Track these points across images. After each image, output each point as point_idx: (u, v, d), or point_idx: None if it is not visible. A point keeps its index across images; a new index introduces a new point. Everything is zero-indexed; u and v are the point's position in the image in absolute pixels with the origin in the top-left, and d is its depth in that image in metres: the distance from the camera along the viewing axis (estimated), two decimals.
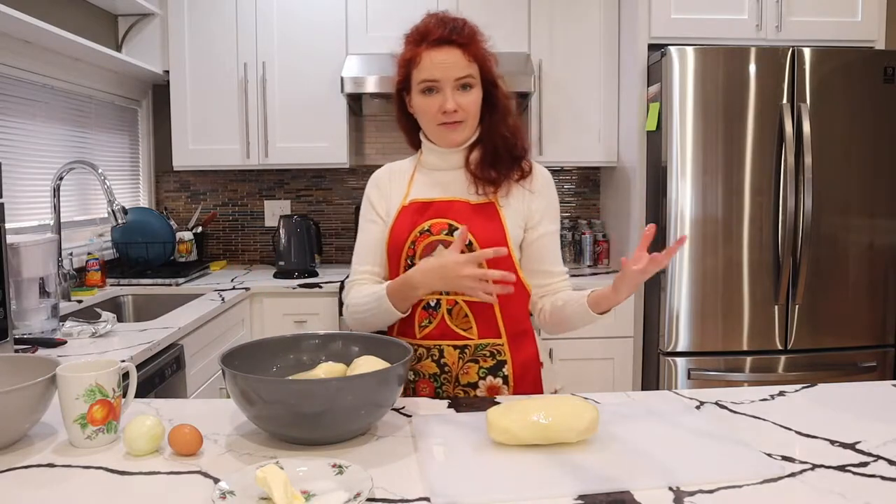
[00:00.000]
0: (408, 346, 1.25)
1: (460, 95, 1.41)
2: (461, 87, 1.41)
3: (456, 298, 1.44)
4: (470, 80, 1.42)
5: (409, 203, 1.49)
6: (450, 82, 1.39)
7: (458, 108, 1.41)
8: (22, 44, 2.46)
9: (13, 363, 1.27)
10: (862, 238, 2.84)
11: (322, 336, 1.36)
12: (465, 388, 1.48)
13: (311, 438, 1.12)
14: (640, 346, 3.04)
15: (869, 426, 1.22)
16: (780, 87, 2.75)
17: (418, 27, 1.43)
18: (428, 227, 1.45)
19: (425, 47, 1.40)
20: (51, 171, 2.63)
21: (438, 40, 1.39)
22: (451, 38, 1.38)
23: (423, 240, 1.45)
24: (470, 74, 1.41)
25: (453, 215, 1.45)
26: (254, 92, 3.19)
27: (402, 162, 1.59)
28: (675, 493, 0.97)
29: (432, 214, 1.46)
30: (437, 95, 1.41)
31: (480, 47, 1.44)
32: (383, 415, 1.19)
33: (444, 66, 1.39)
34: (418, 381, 1.50)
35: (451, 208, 1.46)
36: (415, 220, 1.47)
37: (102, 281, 2.74)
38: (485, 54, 1.45)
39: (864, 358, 2.87)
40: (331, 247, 3.64)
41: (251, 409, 1.11)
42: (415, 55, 1.41)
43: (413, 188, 1.51)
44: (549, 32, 3.19)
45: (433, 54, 1.39)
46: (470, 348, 1.46)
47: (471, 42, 1.41)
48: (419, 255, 1.45)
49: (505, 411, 1.13)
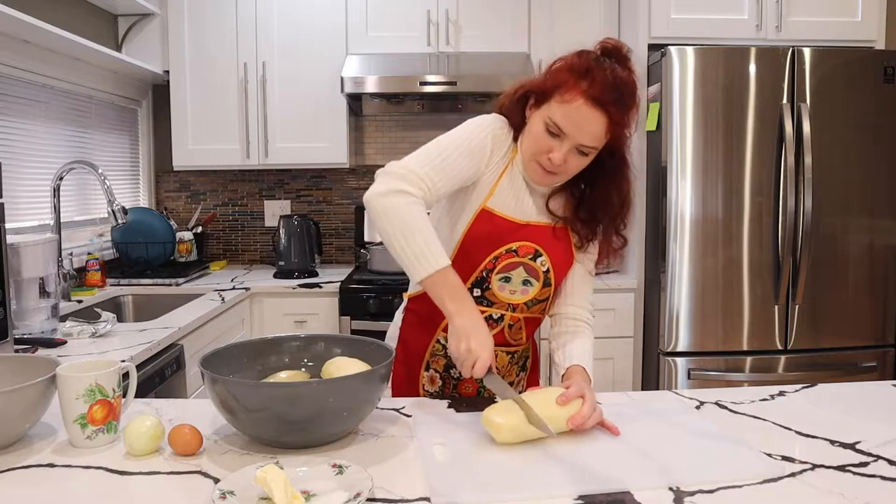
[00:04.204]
0: (390, 348, 1.27)
1: (573, 156, 1.32)
2: (579, 151, 1.32)
3: (519, 316, 1.47)
4: (591, 150, 1.33)
5: (493, 210, 1.41)
6: (574, 142, 1.30)
7: (562, 166, 1.33)
8: (22, 44, 2.46)
9: (13, 363, 1.27)
10: (862, 238, 2.84)
11: (303, 338, 1.36)
12: None
13: (293, 442, 1.12)
14: (640, 346, 3.04)
15: (869, 426, 1.22)
16: (780, 87, 2.75)
17: (588, 64, 1.29)
18: (515, 249, 1.41)
19: (580, 92, 1.26)
20: (51, 171, 2.63)
21: (596, 99, 1.26)
22: (607, 106, 1.27)
23: (507, 258, 1.41)
24: (596, 147, 1.32)
25: (540, 241, 1.43)
26: (254, 92, 3.19)
27: (511, 137, 1.43)
28: (675, 493, 0.97)
29: (522, 236, 1.41)
30: (555, 141, 1.31)
31: (628, 126, 1.33)
32: (362, 419, 1.18)
33: (581, 130, 1.28)
34: (463, 380, 1.52)
35: (539, 233, 1.43)
36: (504, 235, 1.41)
37: (102, 281, 2.74)
38: (626, 134, 1.34)
39: (864, 358, 2.87)
40: (331, 247, 3.64)
41: (227, 414, 1.12)
42: (567, 89, 1.28)
43: (498, 190, 1.41)
44: (549, 32, 3.19)
45: (581, 108, 1.27)
46: (518, 352, 1.54)
47: (621, 118, 1.29)
48: (498, 270, 1.42)
49: (497, 408, 1.16)
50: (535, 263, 1.43)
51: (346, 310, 2.91)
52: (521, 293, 1.44)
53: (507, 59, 3.13)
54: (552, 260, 1.44)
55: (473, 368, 1.21)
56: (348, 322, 2.90)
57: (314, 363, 1.33)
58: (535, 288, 1.44)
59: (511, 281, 1.43)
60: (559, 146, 1.31)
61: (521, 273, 1.42)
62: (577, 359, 1.40)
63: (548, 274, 1.44)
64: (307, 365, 1.34)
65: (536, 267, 1.43)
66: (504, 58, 3.14)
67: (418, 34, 3.15)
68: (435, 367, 1.52)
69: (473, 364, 1.21)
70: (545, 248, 1.43)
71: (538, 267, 1.43)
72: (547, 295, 1.48)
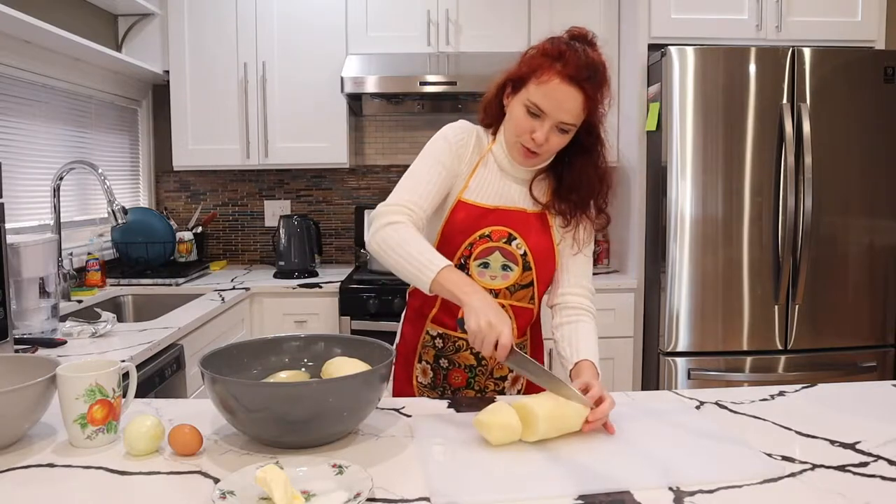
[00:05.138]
0: (390, 348, 1.28)
1: (554, 135, 1.38)
2: (560, 129, 1.38)
3: (504, 303, 1.48)
4: (571, 127, 1.38)
5: (467, 201, 1.47)
6: (554, 120, 1.36)
7: (545, 145, 1.39)
8: (22, 44, 2.46)
9: (13, 363, 1.27)
10: (862, 238, 2.84)
11: (303, 338, 1.37)
12: (497, 380, 1.56)
13: (293, 442, 1.12)
14: (640, 346, 3.04)
15: (869, 426, 1.22)
16: (780, 87, 2.75)
17: (560, 47, 1.37)
18: (488, 234, 1.46)
19: (556, 73, 1.34)
20: (51, 171, 2.63)
21: (571, 77, 1.33)
22: (582, 84, 1.33)
23: (481, 244, 1.45)
24: (575, 123, 1.38)
25: (513, 224, 1.47)
26: (254, 92, 3.19)
27: (476, 133, 1.51)
28: (675, 493, 0.97)
29: (493, 221, 1.46)
30: (536, 121, 1.37)
31: (602, 102, 1.39)
32: (362, 419, 1.19)
33: (559, 106, 1.35)
34: (452, 369, 1.54)
35: (511, 217, 1.47)
36: (476, 221, 1.46)
37: (102, 281, 2.74)
38: (601, 110, 1.40)
39: (864, 358, 2.87)
40: (331, 247, 3.64)
41: (227, 414, 1.11)
42: (543, 71, 1.36)
43: (473, 182, 1.48)
44: (549, 33, 3.13)
45: (559, 87, 1.34)
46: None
47: (595, 94, 1.36)
48: (475, 256, 1.46)
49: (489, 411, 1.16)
50: (510, 247, 1.46)
51: (346, 310, 2.91)
52: (502, 278, 1.47)
53: (507, 59, 3.07)
54: (528, 243, 1.47)
55: (496, 349, 1.20)
56: (348, 322, 2.91)
57: (314, 363, 1.34)
58: (515, 272, 1.47)
59: (490, 266, 1.46)
60: (541, 125, 1.37)
61: (499, 258, 1.46)
62: (585, 353, 1.44)
63: (525, 257, 1.47)
64: (307, 365, 1.34)
65: (512, 250, 1.46)
66: (504, 58, 3.06)
67: (418, 34, 3.15)
68: (426, 358, 1.55)
69: (496, 343, 1.20)
70: (518, 230, 1.47)
71: (514, 250, 1.47)
72: (529, 279, 1.49)
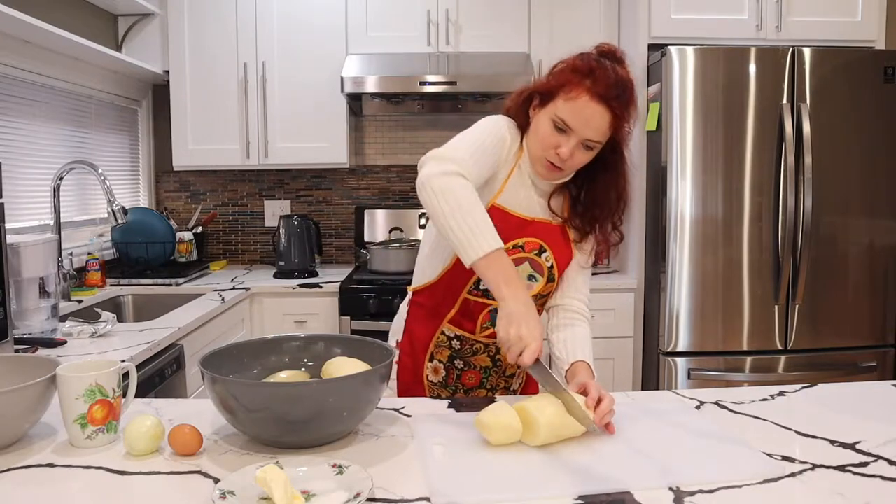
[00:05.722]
0: (390, 348, 1.28)
1: (579, 151, 1.38)
2: (585, 145, 1.38)
3: None
4: (596, 144, 1.38)
5: (501, 207, 1.46)
6: (581, 137, 1.36)
7: (569, 160, 1.38)
8: (21, 44, 2.46)
9: (13, 363, 1.27)
10: (862, 238, 2.84)
11: (303, 338, 1.36)
12: (508, 378, 1.61)
13: (293, 442, 1.12)
14: (640, 346, 3.04)
15: (869, 426, 1.22)
16: (780, 87, 2.75)
17: (591, 64, 1.36)
18: (522, 244, 1.46)
19: (585, 90, 1.33)
20: (51, 171, 2.63)
21: (601, 96, 1.33)
22: (610, 102, 1.33)
23: (514, 253, 1.45)
24: (601, 141, 1.38)
25: (544, 237, 1.48)
26: (254, 92, 3.19)
27: (516, 135, 1.48)
28: (675, 493, 0.97)
29: (530, 233, 1.47)
30: (562, 136, 1.37)
31: (628, 121, 1.39)
32: (362, 419, 1.18)
33: (587, 123, 1.34)
34: (467, 370, 1.55)
35: (544, 229, 1.49)
36: (513, 231, 1.45)
37: (102, 281, 2.74)
38: (627, 128, 1.40)
39: (864, 358, 2.87)
40: (331, 247, 3.64)
41: (227, 414, 1.11)
42: (572, 87, 1.35)
43: (507, 188, 1.47)
44: (549, 32, 3.19)
45: (587, 104, 1.33)
46: None
47: (623, 113, 1.36)
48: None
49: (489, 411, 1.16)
50: (540, 259, 1.48)
51: (346, 310, 2.91)
52: (527, 288, 1.46)
53: (507, 59, 3.13)
54: (555, 256, 1.49)
55: (521, 357, 1.19)
56: (348, 322, 2.91)
57: (314, 363, 1.33)
58: (539, 283, 1.49)
59: None
60: (567, 141, 1.37)
61: (527, 268, 1.47)
62: (581, 354, 1.44)
63: (552, 270, 1.49)
64: (307, 365, 1.34)
65: (541, 262, 1.48)
66: (504, 58, 3.14)
67: (418, 34, 3.15)
68: (439, 357, 1.55)
69: (521, 352, 1.19)
70: (549, 244, 1.49)
71: (543, 262, 1.48)
72: (550, 290, 1.52)
